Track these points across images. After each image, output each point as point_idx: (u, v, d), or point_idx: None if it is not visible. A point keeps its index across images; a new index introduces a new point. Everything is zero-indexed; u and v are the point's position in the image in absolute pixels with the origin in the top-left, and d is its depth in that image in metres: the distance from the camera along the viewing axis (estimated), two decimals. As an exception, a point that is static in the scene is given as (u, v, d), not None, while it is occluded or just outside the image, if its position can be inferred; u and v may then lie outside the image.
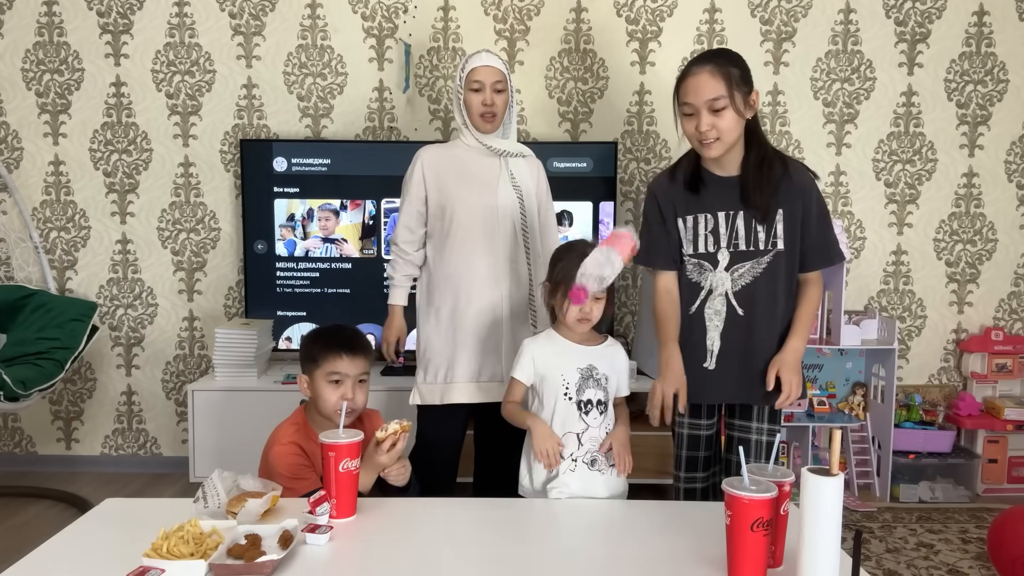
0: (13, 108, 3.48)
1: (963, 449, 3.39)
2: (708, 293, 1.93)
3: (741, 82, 1.84)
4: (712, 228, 1.90)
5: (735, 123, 1.83)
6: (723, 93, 1.80)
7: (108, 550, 1.40)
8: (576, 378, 1.86)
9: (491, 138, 2.37)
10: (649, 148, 3.48)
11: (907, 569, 2.68)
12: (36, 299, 3.29)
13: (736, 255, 1.91)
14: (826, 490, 1.21)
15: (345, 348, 1.89)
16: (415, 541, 1.48)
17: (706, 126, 1.81)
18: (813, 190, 1.92)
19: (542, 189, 2.46)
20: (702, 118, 1.81)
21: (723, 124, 1.82)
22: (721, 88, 1.81)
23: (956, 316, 3.57)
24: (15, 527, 2.95)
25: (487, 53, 2.36)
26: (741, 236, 1.89)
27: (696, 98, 1.82)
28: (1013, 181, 3.52)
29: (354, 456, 1.56)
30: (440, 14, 3.42)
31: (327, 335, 1.95)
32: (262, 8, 3.42)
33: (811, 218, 1.91)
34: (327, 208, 3.33)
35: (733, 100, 1.81)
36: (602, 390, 1.86)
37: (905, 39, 3.45)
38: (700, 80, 1.82)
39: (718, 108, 1.81)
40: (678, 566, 1.37)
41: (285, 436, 1.87)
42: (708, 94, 1.80)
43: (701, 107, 1.81)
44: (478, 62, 2.33)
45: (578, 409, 1.85)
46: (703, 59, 1.86)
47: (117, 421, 3.61)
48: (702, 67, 1.83)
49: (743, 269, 1.91)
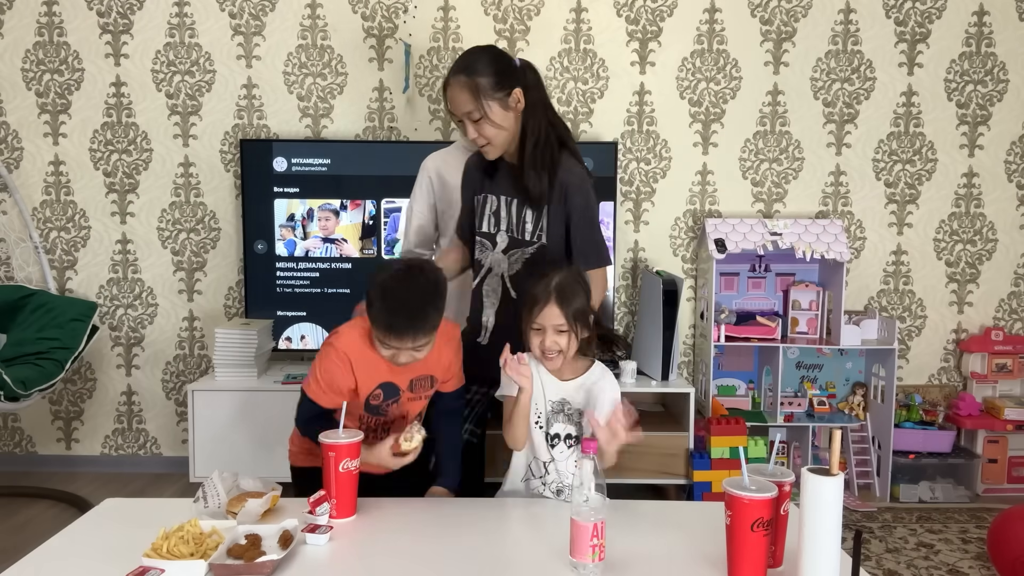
0: (13, 108, 3.47)
1: (963, 449, 3.39)
2: (487, 272, 1.98)
3: (493, 89, 1.83)
4: (495, 210, 1.96)
5: (499, 127, 1.86)
6: (473, 107, 1.82)
7: (108, 550, 1.40)
8: (546, 410, 1.75)
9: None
10: (649, 148, 3.48)
11: (907, 569, 2.68)
12: (36, 299, 3.29)
13: (512, 240, 1.95)
14: (826, 490, 1.20)
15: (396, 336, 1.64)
16: (415, 541, 1.48)
17: (472, 134, 1.86)
18: (579, 191, 1.90)
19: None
20: (468, 127, 1.86)
21: (487, 132, 1.85)
22: (470, 103, 1.82)
23: (956, 316, 3.57)
24: (15, 527, 2.95)
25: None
26: (514, 223, 1.94)
27: (455, 110, 1.86)
28: (1013, 181, 3.52)
29: (354, 456, 1.56)
30: (440, 14, 3.42)
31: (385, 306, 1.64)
32: (262, 8, 3.42)
33: (575, 218, 1.91)
34: (327, 208, 3.33)
35: (486, 111, 1.83)
36: (573, 424, 1.75)
37: (905, 39, 3.45)
38: (454, 93, 1.84)
39: (475, 119, 1.83)
40: (678, 566, 1.37)
41: (343, 342, 1.73)
42: (463, 107, 1.83)
43: (463, 117, 1.85)
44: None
45: (546, 440, 1.76)
46: (456, 66, 1.86)
47: (117, 421, 3.61)
48: (455, 78, 1.84)
49: (516, 255, 1.94)
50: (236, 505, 1.52)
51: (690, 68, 3.45)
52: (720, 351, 3.38)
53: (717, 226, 3.32)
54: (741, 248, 3.25)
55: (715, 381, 3.39)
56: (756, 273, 3.48)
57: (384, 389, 1.75)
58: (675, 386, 3.15)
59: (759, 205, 3.52)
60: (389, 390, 1.76)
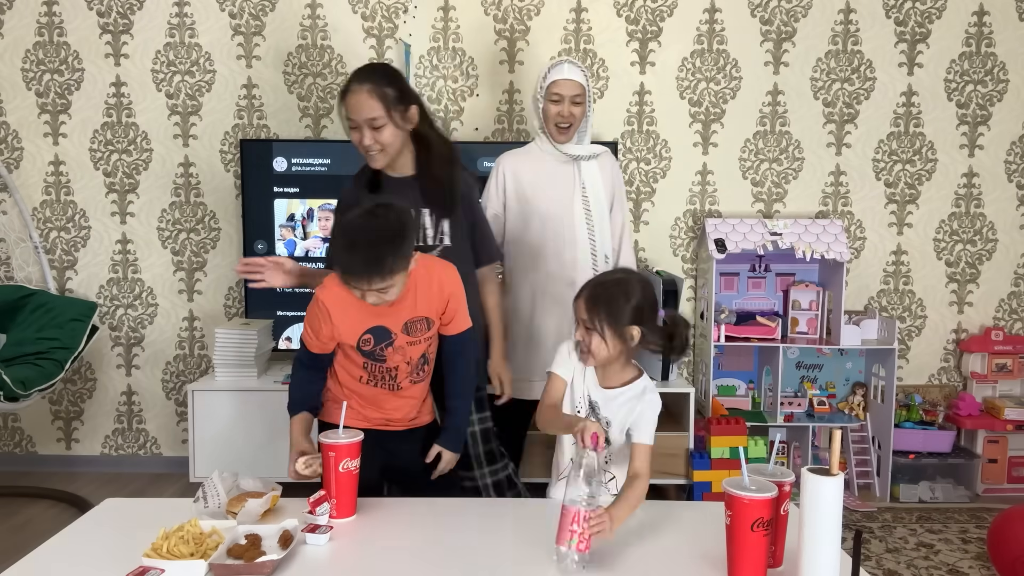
0: (13, 108, 3.48)
1: (963, 449, 3.39)
2: None
3: (398, 101, 1.95)
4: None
5: (395, 136, 1.96)
6: (381, 114, 1.92)
7: (108, 550, 1.40)
8: (584, 405, 1.71)
9: (566, 144, 2.45)
10: (649, 148, 3.48)
11: (907, 569, 2.68)
12: (36, 299, 3.29)
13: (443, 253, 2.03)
14: (826, 490, 1.21)
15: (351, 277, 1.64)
16: (415, 541, 1.48)
17: (369, 141, 1.94)
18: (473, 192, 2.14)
19: (616, 188, 2.54)
20: (364, 133, 1.93)
21: (384, 139, 1.95)
22: (378, 109, 1.92)
23: (956, 316, 3.57)
24: (15, 527, 2.95)
25: (569, 65, 2.39)
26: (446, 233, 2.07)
27: (357, 115, 1.93)
28: (1013, 181, 3.51)
29: (354, 456, 1.56)
30: (440, 14, 3.42)
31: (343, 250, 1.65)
32: (262, 8, 3.42)
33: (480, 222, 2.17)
34: (327, 208, 3.33)
35: (392, 118, 1.94)
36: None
37: (905, 39, 3.45)
38: (359, 99, 1.92)
39: (378, 126, 1.93)
40: (678, 566, 1.37)
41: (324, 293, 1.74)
42: (368, 113, 1.91)
43: (362, 124, 1.93)
44: (559, 74, 2.38)
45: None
46: (362, 77, 1.95)
47: (117, 421, 3.61)
48: (360, 86, 1.92)
49: None
50: (236, 505, 1.52)
51: (690, 68, 3.45)
52: (720, 351, 3.38)
53: (717, 226, 3.32)
54: (741, 248, 3.25)
55: (715, 381, 3.39)
56: (756, 273, 3.48)
57: (374, 334, 1.74)
58: (675, 386, 3.15)
59: (759, 205, 3.52)
60: (380, 334, 1.75)
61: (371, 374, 1.80)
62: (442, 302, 1.80)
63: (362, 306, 1.70)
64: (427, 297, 1.77)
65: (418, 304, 1.76)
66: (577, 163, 2.46)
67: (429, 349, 1.84)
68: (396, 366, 1.79)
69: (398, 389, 1.82)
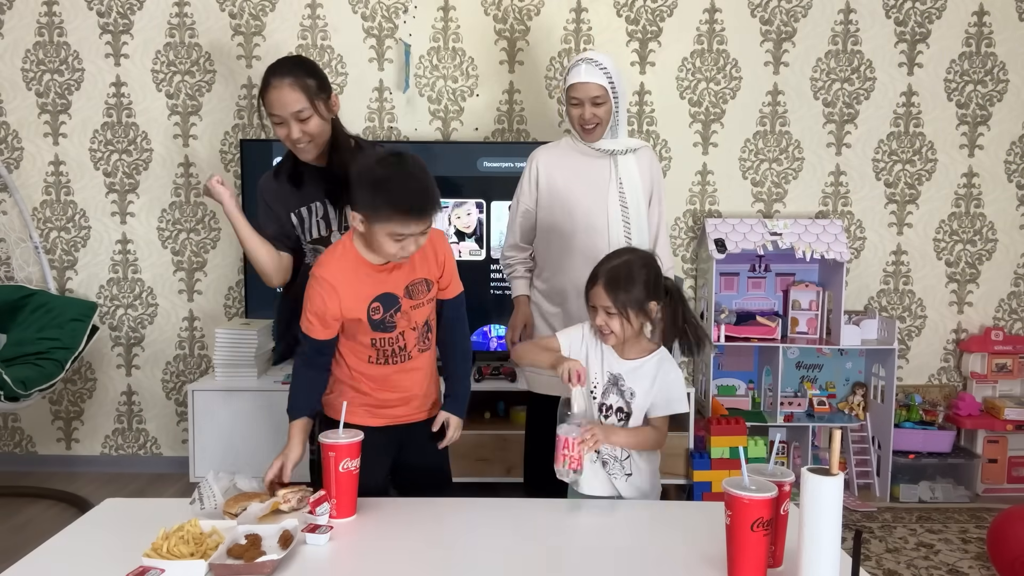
0: (13, 108, 3.48)
1: (963, 449, 3.39)
2: None
3: (319, 90, 1.95)
4: (323, 215, 2.04)
5: (322, 126, 1.97)
6: (306, 105, 1.92)
7: (108, 550, 1.40)
8: (603, 380, 1.80)
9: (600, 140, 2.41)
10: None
11: (907, 569, 2.68)
12: (36, 299, 3.29)
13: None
14: (826, 490, 1.21)
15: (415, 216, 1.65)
16: (415, 541, 1.48)
17: (297, 134, 1.93)
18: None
19: (655, 183, 2.49)
20: (292, 127, 1.93)
21: (311, 129, 1.94)
22: (303, 101, 1.92)
23: (956, 316, 3.57)
24: (15, 527, 2.95)
25: (587, 66, 2.32)
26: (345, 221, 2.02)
27: (282, 110, 1.92)
28: (1013, 181, 3.51)
29: (354, 456, 1.56)
30: (440, 14, 3.42)
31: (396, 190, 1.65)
32: (262, 8, 3.42)
33: None
34: (327, 208, 3.33)
35: (316, 108, 1.94)
36: (625, 401, 1.79)
37: (905, 39, 3.45)
38: (282, 93, 1.92)
39: (304, 118, 1.93)
40: (678, 566, 1.37)
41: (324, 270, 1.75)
42: (293, 107, 1.91)
43: (288, 118, 1.92)
44: (575, 78, 2.33)
45: (599, 410, 1.81)
46: (282, 71, 1.94)
47: (117, 421, 3.61)
48: (282, 80, 1.92)
49: None
50: (234, 506, 1.52)
51: (690, 68, 3.45)
52: (720, 351, 3.38)
53: (717, 226, 3.32)
54: (741, 248, 3.25)
55: (715, 381, 3.40)
56: (756, 273, 3.48)
57: (382, 301, 1.77)
58: (675, 386, 3.14)
59: (759, 205, 3.52)
60: (387, 301, 1.77)
61: (380, 350, 1.81)
62: (438, 265, 1.85)
63: (363, 277, 1.74)
64: (423, 259, 1.81)
65: (416, 266, 1.80)
66: (613, 157, 2.41)
67: (431, 314, 1.87)
68: (403, 332, 1.81)
69: (408, 360, 1.83)
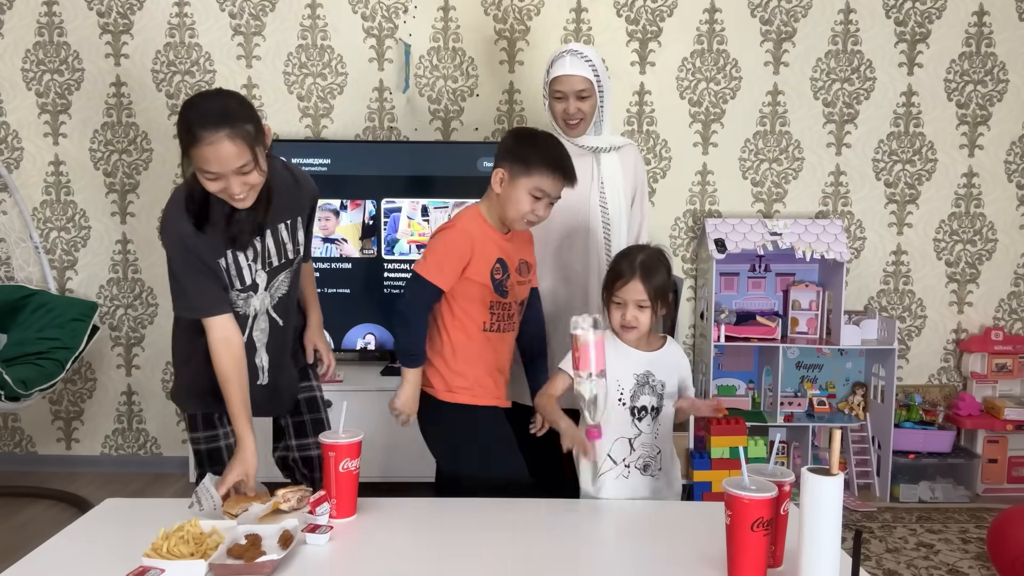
0: (13, 108, 3.48)
1: (963, 449, 3.39)
2: (253, 318, 1.85)
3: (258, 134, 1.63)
4: (252, 259, 1.79)
5: (263, 173, 1.66)
6: (249, 159, 1.60)
7: (108, 550, 1.40)
8: (632, 384, 1.82)
9: (582, 137, 2.34)
10: (649, 148, 3.48)
11: (907, 569, 2.68)
12: (36, 299, 3.29)
13: (272, 271, 1.83)
14: (826, 490, 1.21)
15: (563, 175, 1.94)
16: (415, 541, 1.48)
17: (238, 188, 1.62)
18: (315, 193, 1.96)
19: (639, 182, 2.45)
20: (231, 182, 1.61)
21: (253, 180, 1.64)
22: (246, 153, 1.59)
23: (956, 316, 3.57)
24: (15, 527, 2.95)
25: (571, 57, 2.25)
26: (272, 254, 1.81)
27: (222, 167, 1.58)
28: (1013, 181, 3.51)
29: (354, 456, 1.56)
30: (440, 14, 3.42)
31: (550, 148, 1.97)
32: (262, 8, 3.42)
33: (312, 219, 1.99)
34: (327, 208, 3.33)
35: (257, 159, 1.63)
36: (656, 396, 1.83)
37: (905, 39, 3.45)
38: (221, 149, 1.56)
39: (247, 171, 1.61)
40: (678, 566, 1.37)
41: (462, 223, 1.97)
42: (234, 163, 1.58)
43: (229, 174, 1.60)
44: (560, 70, 2.25)
45: (631, 415, 1.82)
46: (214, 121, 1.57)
47: (117, 421, 3.61)
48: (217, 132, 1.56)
49: (277, 281, 1.87)
50: (234, 507, 1.52)
51: (690, 68, 3.45)
52: (720, 351, 3.38)
53: (717, 226, 3.32)
54: (741, 248, 3.25)
55: (715, 381, 3.39)
56: (756, 273, 3.48)
57: (501, 264, 1.96)
58: (675, 386, 3.14)
59: (759, 205, 3.52)
60: (504, 266, 1.97)
61: (496, 316, 1.98)
62: (531, 254, 2.08)
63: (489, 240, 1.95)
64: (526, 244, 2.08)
65: (524, 247, 2.05)
66: (596, 155, 2.35)
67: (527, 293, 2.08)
68: (512, 301, 2.00)
69: (511, 331, 2.03)
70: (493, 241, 1.96)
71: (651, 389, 1.83)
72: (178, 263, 1.74)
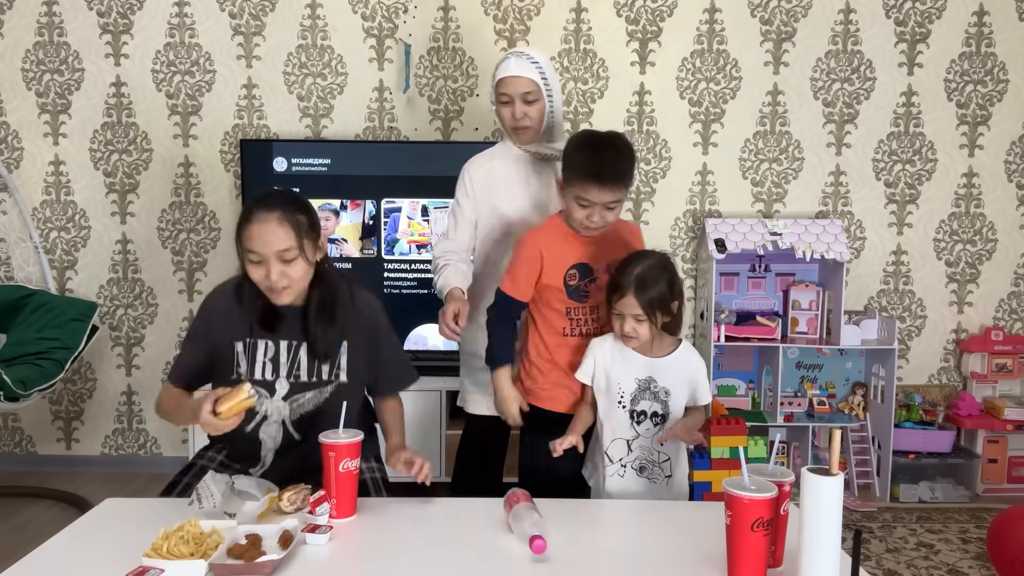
0: (13, 108, 3.48)
1: (963, 449, 3.39)
2: (263, 419, 1.77)
3: (310, 230, 1.70)
4: (272, 356, 1.76)
5: (305, 272, 1.70)
6: (293, 244, 1.65)
7: (108, 550, 1.40)
8: (632, 388, 1.86)
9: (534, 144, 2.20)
10: (649, 148, 3.48)
11: (907, 569, 2.68)
12: (36, 299, 3.29)
13: (295, 386, 1.77)
14: (826, 490, 1.21)
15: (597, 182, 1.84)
16: (415, 541, 1.48)
17: (276, 276, 1.65)
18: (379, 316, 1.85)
19: None
20: (272, 268, 1.65)
21: (295, 273, 1.67)
22: (291, 239, 1.65)
23: (956, 316, 3.57)
24: (15, 527, 2.95)
25: (516, 59, 2.12)
26: (302, 367, 1.76)
27: (265, 248, 1.64)
28: (1013, 181, 3.51)
29: (354, 456, 1.56)
30: (440, 14, 3.42)
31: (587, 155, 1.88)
32: (262, 8, 3.42)
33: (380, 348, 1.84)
34: (327, 208, 3.33)
35: (303, 250, 1.67)
36: (660, 403, 1.86)
37: (905, 39, 3.45)
38: (268, 229, 1.64)
39: (289, 259, 1.66)
40: (678, 566, 1.37)
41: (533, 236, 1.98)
42: (279, 245, 1.64)
43: (271, 257, 1.64)
44: (505, 71, 2.13)
45: (631, 418, 1.87)
46: (269, 203, 1.67)
47: (117, 421, 3.61)
48: (269, 213, 1.64)
49: (302, 399, 1.76)
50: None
51: (690, 68, 3.45)
52: (720, 351, 3.38)
53: (717, 226, 3.32)
54: (741, 248, 3.25)
55: (715, 381, 3.40)
56: (756, 273, 3.48)
57: (578, 270, 1.94)
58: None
59: (759, 205, 3.52)
60: (583, 270, 1.95)
61: (574, 320, 1.97)
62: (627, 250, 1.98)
63: (565, 245, 1.94)
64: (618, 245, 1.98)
65: (615, 247, 1.96)
66: (552, 164, 2.21)
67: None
68: (598, 307, 1.96)
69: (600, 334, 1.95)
70: (568, 245, 1.94)
71: (652, 395, 1.86)
72: (192, 326, 1.84)
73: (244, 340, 1.76)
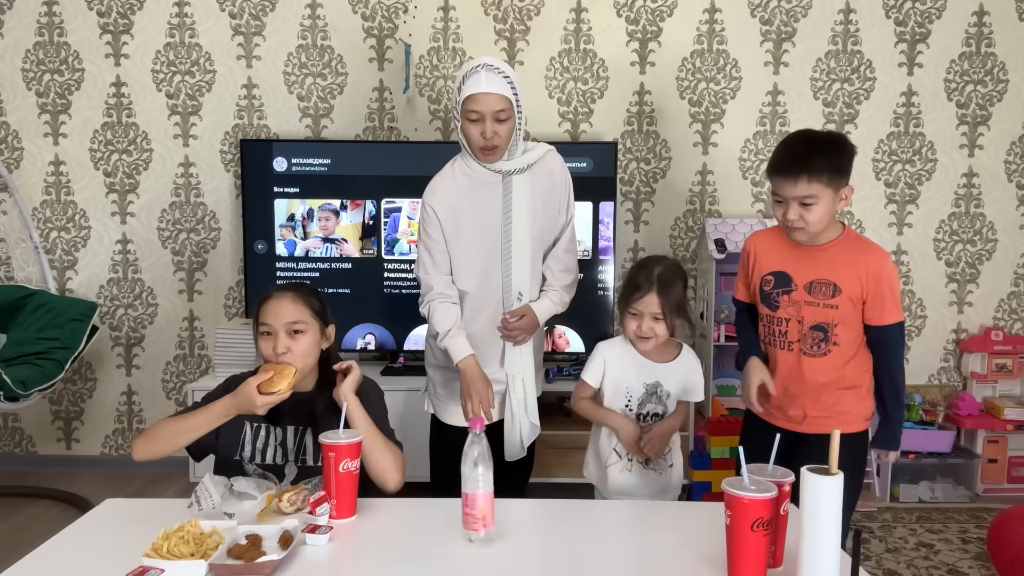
0: (13, 108, 3.48)
1: (963, 449, 3.39)
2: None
3: (321, 314, 1.77)
4: (280, 440, 1.76)
5: (310, 349, 1.74)
6: (303, 318, 1.72)
7: (108, 550, 1.40)
8: (640, 393, 1.95)
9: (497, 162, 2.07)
10: (649, 148, 3.48)
11: (907, 569, 2.68)
12: (36, 299, 3.29)
13: (304, 469, 1.76)
14: (826, 490, 1.21)
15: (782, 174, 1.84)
16: (415, 541, 1.48)
17: (283, 345, 1.70)
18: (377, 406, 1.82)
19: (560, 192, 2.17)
20: (279, 338, 1.70)
21: (298, 347, 1.71)
22: (303, 313, 1.73)
23: (956, 316, 3.57)
24: (15, 527, 2.96)
25: (487, 73, 1.97)
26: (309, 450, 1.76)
27: (275, 320, 1.71)
28: (1013, 181, 3.51)
29: (354, 456, 1.56)
30: (440, 14, 3.42)
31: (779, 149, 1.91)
32: (262, 8, 3.42)
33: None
34: (327, 208, 3.33)
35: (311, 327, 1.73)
36: (662, 405, 1.97)
37: (905, 39, 3.45)
38: (282, 304, 1.73)
39: (297, 331, 1.71)
40: (678, 566, 1.37)
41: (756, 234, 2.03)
42: (288, 317, 1.71)
43: (280, 329, 1.70)
44: (475, 87, 1.96)
45: (637, 420, 1.96)
46: (286, 287, 1.77)
47: (117, 421, 3.61)
48: (284, 293, 1.75)
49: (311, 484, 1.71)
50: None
51: (690, 68, 3.45)
52: (720, 351, 3.38)
53: (717, 226, 3.32)
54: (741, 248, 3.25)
55: (715, 381, 3.39)
56: (756, 273, 3.48)
57: (776, 277, 1.89)
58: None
59: (759, 205, 3.52)
60: (781, 279, 1.89)
61: (767, 330, 1.93)
62: (861, 282, 1.82)
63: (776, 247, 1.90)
64: (843, 266, 1.83)
65: (833, 267, 1.83)
66: (508, 179, 2.08)
67: (833, 325, 1.85)
68: (787, 320, 1.88)
69: (789, 349, 1.88)
70: (777, 249, 1.91)
71: (657, 399, 1.96)
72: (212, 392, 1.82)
73: (252, 423, 1.78)
